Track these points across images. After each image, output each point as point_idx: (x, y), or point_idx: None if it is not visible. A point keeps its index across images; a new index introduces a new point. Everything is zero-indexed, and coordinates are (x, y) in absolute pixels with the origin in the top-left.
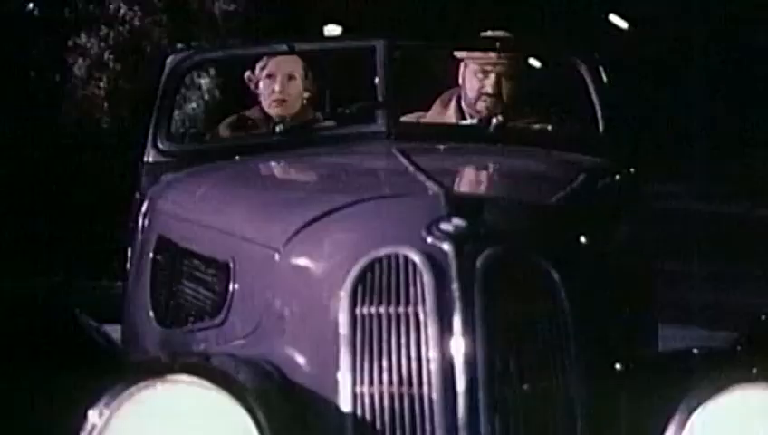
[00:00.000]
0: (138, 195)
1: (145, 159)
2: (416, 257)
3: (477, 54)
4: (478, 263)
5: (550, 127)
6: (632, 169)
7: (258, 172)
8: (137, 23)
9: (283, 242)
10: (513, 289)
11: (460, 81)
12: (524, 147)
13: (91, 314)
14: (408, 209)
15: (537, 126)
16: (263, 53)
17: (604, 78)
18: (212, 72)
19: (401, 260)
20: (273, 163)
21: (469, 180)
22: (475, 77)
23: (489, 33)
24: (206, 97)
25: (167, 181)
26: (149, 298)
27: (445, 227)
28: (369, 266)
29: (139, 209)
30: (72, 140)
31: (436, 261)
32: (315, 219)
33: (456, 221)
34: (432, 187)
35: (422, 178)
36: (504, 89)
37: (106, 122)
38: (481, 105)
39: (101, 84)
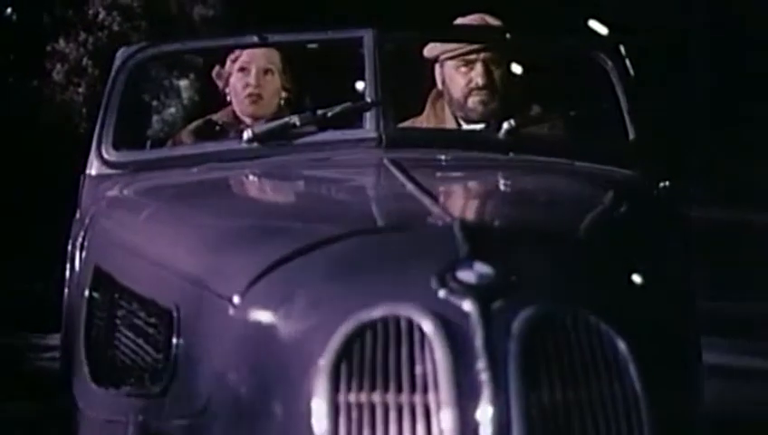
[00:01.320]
0: (78, 214)
1: (87, 171)
2: (424, 321)
3: (452, 47)
4: (514, 328)
5: (570, 133)
6: (667, 183)
7: (217, 189)
8: (116, 28)
9: (239, 290)
10: (566, 365)
11: (439, 84)
12: (542, 157)
13: None
14: (410, 249)
15: (554, 131)
16: (229, 45)
17: (631, 73)
18: (191, 75)
19: (403, 325)
20: (236, 178)
21: (487, 205)
22: (458, 72)
23: (460, 20)
24: (186, 102)
25: (110, 198)
26: (84, 347)
27: (464, 275)
28: (357, 333)
29: (78, 232)
30: (51, 145)
31: (453, 326)
32: (283, 260)
33: (480, 267)
34: (441, 215)
35: (426, 201)
36: (497, 78)
37: (84, 128)
38: (472, 102)
39: (80, 90)
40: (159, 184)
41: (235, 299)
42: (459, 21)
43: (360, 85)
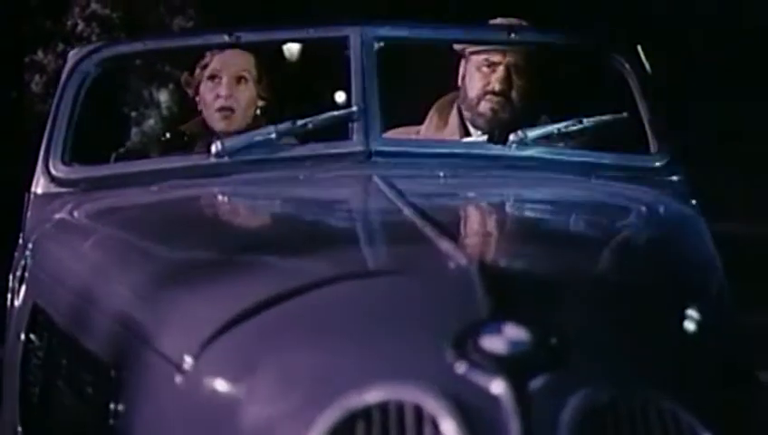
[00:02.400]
0: (21, 239)
1: (33, 189)
2: (436, 409)
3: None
4: (563, 419)
5: (583, 146)
6: (694, 202)
7: (176, 213)
8: (94, 39)
9: (189, 352)
10: None
11: (460, 80)
12: (554, 175)
13: None
14: (415, 304)
15: (566, 144)
16: (197, 46)
17: (648, 70)
18: (171, 85)
19: (408, 414)
20: (199, 199)
21: (508, 240)
22: (479, 72)
23: (499, 20)
24: (165, 113)
25: (56, 221)
26: (18, 402)
27: (490, 343)
28: (346, 424)
29: (19, 261)
30: (29, 156)
31: (476, 416)
32: (248, 314)
33: (513, 331)
34: (451, 253)
35: (429, 233)
36: (516, 87)
37: None
38: (484, 106)
39: None
40: (111, 206)
41: (185, 363)
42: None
43: (341, 95)
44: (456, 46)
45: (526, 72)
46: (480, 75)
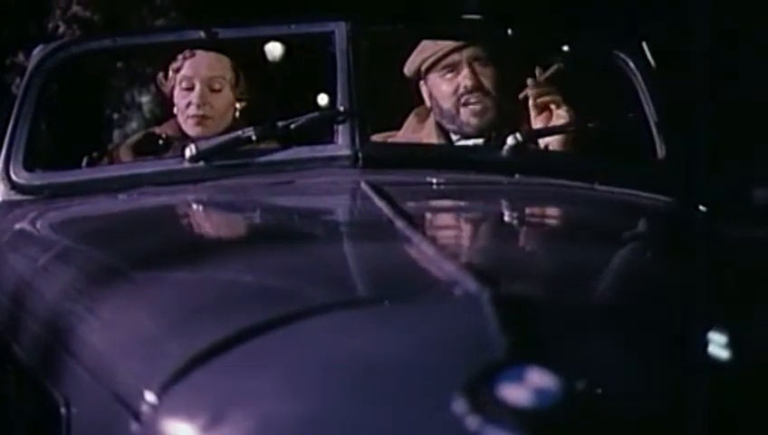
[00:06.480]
0: None
1: None
2: None
3: (430, 52)
4: None
5: (585, 149)
6: (704, 209)
7: (143, 224)
8: None
9: (147, 395)
10: None
11: (427, 100)
12: (556, 180)
13: None
14: (413, 343)
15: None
16: (172, 43)
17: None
18: (152, 88)
19: None
20: (170, 209)
21: (518, 260)
22: (444, 80)
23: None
24: (148, 116)
25: (15, 232)
26: None
27: (510, 393)
28: None
29: None
30: None
31: None
32: (216, 349)
33: (538, 377)
34: (457, 277)
35: (427, 249)
36: (487, 78)
37: None
38: (465, 113)
39: None
40: (74, 216)
41: (142, 409)
42: None
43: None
44: (408, 71)
45: (491, 61)
46: (446, 82)
